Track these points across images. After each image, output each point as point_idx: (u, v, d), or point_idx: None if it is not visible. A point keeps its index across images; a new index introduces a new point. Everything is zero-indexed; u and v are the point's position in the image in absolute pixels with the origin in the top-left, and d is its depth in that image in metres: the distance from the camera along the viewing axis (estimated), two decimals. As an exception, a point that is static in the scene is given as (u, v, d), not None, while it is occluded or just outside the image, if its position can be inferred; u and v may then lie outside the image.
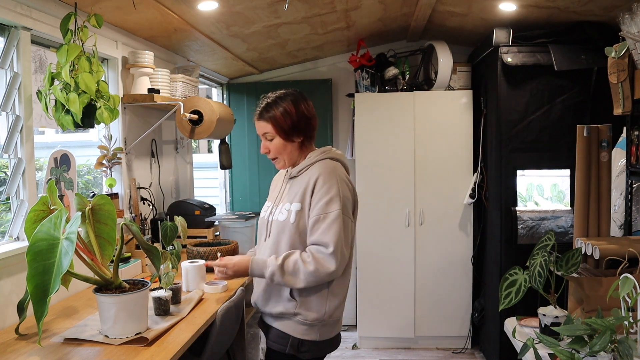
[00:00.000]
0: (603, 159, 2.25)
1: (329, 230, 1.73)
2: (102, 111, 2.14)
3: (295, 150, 1.87)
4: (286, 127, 1.82)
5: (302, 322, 1.80)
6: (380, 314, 3.95)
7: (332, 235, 1.72)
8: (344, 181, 1.83)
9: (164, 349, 1.63)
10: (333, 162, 1.86)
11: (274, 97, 1.86)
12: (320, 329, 1.82)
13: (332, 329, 1.87)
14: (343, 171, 1.87)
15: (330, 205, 1.75)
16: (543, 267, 1.76)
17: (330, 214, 1.74)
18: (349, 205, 1.81)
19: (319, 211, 1.75)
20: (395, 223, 3.89)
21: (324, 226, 1.74)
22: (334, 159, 1.88)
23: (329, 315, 1.82)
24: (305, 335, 1.81)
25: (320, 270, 1.72)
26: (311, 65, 4.42)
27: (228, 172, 4.50)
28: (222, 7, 2.64)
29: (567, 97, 3.21)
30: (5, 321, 1.88)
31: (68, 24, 2.04)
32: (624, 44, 2.08)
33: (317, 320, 1.80)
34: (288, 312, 1.81)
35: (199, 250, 2.53)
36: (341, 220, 1.74)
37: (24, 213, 2.03)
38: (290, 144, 1.85)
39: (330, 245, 1.72)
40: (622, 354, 1.36)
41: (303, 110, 1.84)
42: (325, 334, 1.84)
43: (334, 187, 1.77)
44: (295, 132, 1.84)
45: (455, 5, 3.11)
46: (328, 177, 1.78)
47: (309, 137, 1.89)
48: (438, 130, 3.83)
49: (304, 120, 1.85)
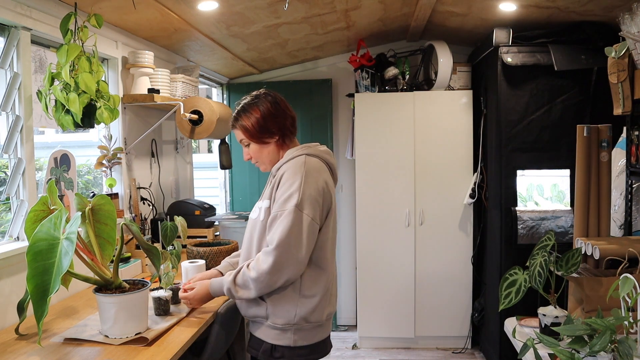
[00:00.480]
0: (603, 159, 2.25)
1: (277, 229, 1.67)
2: (102, 111, 2.14)
3: (274, 151, 1.85)
4: (254, 132, 1.81)
5: (273, 327, 1.74)
6: (380, 314, 3.95)
7: (279, 232, 1.66)
8: (313, 178, 1.73)
9: (164, 349, 1.63)
10: (308, 158, 1.77)
11: (243, 103, 1.85)
12: (295, 333, 1.74)
13: (311, 335, 1.77)
14: (317, 166, 1.78)
15: (287, 202, 1.68)
16: (543, 267, 1.76)
17: (284, 212, 1.68)
18: (311, 203, 1.70)
19: (276, 208, 1.71)
20: (395, 223, 3.89)
21: (276, 224, 1.68)
22: (313, 155, 1.80)
23: (303, 319, 1.73)
24: (277, 341, 1.74)
25: (259, 273, 1.66)
26: (311, 65, 4.43)
27: (228, 172, 4.50)
28: (222, 7, 2.64)
29: (567, 97, 3.21)
30: (5, 321, 1.88)
31: (68, 24, 2.04)
32: (624, 44, 2.08)
33: (287, 325, 1.73)
34: (260, 316, 1.76)
35: (199, 250, 2.53)
36: (293, 217, 1.66)
37: (24, 213, 2.03)
38: (266, 146, 1.83)
39: (272, 243, 1.66)
40: (622, 354, 1.36)
41: (269, 110, 1.81)
42: (302, 340, 1.74)
43: (296, 184, 1.70)
44: (266, 133, 1.81)
45: (455, 5, 3.10)
46: (293, 173, 1.73)
47: (285, 135, 1.84)
48: (438, 130, 3.83)
49: (272, 120, 1.81)
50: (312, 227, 1.70)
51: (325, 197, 1.75)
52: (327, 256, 1.78)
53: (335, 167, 1.89)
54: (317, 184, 1.73)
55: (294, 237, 1.66)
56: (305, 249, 1.68)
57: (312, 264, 1.75)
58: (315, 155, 1.81)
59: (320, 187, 1.74)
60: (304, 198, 1.69)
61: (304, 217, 1.68)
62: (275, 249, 1.65)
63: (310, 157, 1.79)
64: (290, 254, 1.66)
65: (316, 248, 1.75)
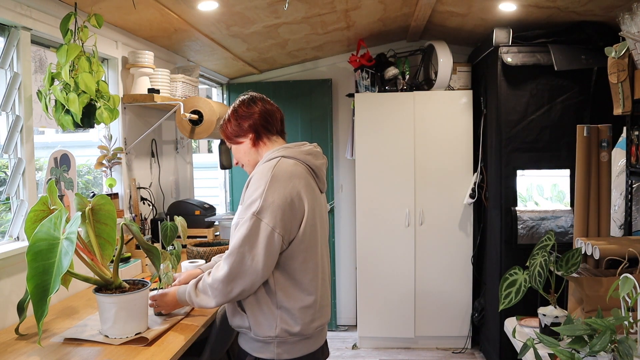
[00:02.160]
0: (603, 159, 2.25)
1: (234, 236, 1.61)
2: (102, 111, 2.14)
3: (250, 150, 1.79)
4: (229, 132, 1.80)
5: (255, 339, 1.67)
6: (380, 314, 3.95)
7: (235, 240, 1.59)
8: (280, 184, 1.61)
9: (164, 349, 1.62)
10: (283, 161, 1.67)
11: None
12: (278, 346, 1.64)
13: (296, 348, 1.68)
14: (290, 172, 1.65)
15: (248, 210, 1.60)
16: (543, 267, 1.76)
17: (243, 219, 1.60)
18: (273, 211, 1.58)
19: (238, 216, 1.65)
20: (395, 223, 3.89)
21: (236, 231, 1.62)
22: (290, 157, 1.69)
23: (285, 331, 1.64)
24: (260, 353, 1.66)
25: (214, 279, 1.61)
26: (311, 65, 4.43)
27: (228, 172, 4.50)
28: (222, 7, 2.64)
29: (567, 97, 3.21)
30: (5, 321, 1.88)
31: (68, 24, 2.04)
32: (624, 44, 2.08)
33: (269, 338, 1.64)
34: (243, 327, 1.70)
35: (199, 250, 2.53)
36: (251, 225, 1.57)
37: (24, 213, 2.03)
38: (241, 146, 1.80)
39: (229, 251, 1.61)
40: (622, 354, 1.36)
41: (238, 108, 1.79)
42: (286, 353, 1.65)
43: (259, 190, 1.60)
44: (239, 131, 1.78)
45: (455, 5, 3.11)
46: (259, 178, 1.63)
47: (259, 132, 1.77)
48: (438, 130, 3.83)
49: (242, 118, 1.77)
50: (272, 237, 1.57)
51: (294, 205, 1.62)
52: (305, 267, 1.66)
53: (319, 168, 1.76)
54: (285, 190, 1.60)
55: (249, 247, 1.57)
56: (263, 260, 1.57)
57: (285, 275, 1.65)
58: (293, 157, 1.70)
59: (288, 195, 1.61)
60: (265, 206, 1.58)
61: (262, 226, 1.57)
62: (230, 257, 1.59)
63: (287, 159, 1.68)
64: (244, 264, 1.57)
65: (286, 258, 1.64)
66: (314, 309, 1.68)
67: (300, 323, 1.65)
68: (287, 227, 1.61)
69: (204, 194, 4.63)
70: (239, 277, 1.58)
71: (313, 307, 1.67)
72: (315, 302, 1.68)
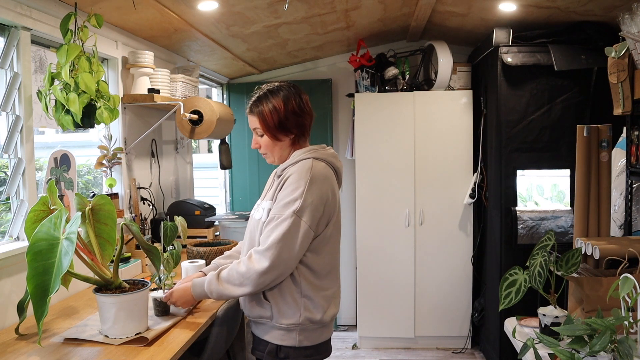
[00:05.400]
0: (603, 159, 2.25)
1: (273, 231, 1.65)
2: (102, 111, 2.14)
3: (286, 147, 1.79)
4: (273, 126, 1.74)
5: (278, 327, 1.73)
6: (380, 314, 3.95)
7: (274, 235, 1.64)
8: (318, 186, 1.69)
9: (164, 349, 1.63)
10: (315, 163, 1.73)
11: (266, 90, 1.78)
12: (300, 333, 1.73)
13: (316, 335, 1.76)
14: (325, 175, 1.73)
15: (288, 207, 1.66)
16: (543, 267, 1.76)
17: (282, 216, 1.66)
18: (312, 211, 1.67)
19: (275, 211, 1.68)
20: (395, 223, 3.89)
21: (271, 226, 1.66)
22: (320, 159, 1.76)
23: (308, 319, 1.72)
24: (282, 341, 1.73)
25: (250, 270, 1.64)
26: (311, 65, 4.43)
27: (228, 172, 4.50)
28: (222, 7, 2.64)
29: (567, 97, 3.21)
30: (5, 321, 1.88)
31: (68, 24, 2.04)
32: (624, 44, 2.08)
33: (293, 325, 1.71)
34: (264, 316, 1.75)
35: (199, 250, 2.53)
36: (290, 223, 1.64)
37: (24, 213, 2.03)
38: (279, 142, 1.77)
39: (266, 244, 1.64)
40: (622, 354, 1.36)
41: (293, 107, 1.75)
42: (306, 340, 1.74)
43: (299, 190, 1.66)
44: (283, 130, 1.75)
45: (455, 5, 3.11)
46: (297, 178, 1.68)
47: (301, 134, 1.79)
48: (438, 130, 3.83)
49: (293, 118, 1.75)
50: (308, 235, 1.68)
51: (327, 206, 1.72)
52: (325, 261, 1.76)
53: (341, 170, 1.85)
54: (321, 191, 1.70)
55: (288, 242, 1.64)
56: (296, 255, 1.67)
57: (309, 266, 1.73)
58: (323, 159, 1.76)
59: (324, 195, 1.71)
60: (305, 205, 1.66)
61: (302, 224, 1.65)
62: (268, 251, 1.63)
63: (318, 161, 1.74)
64: (281, 258, 1.64)
65: (312, 252, 1.72)
66: (332, 298, 1.79)
67: (321, 311, 1.74)
68: (318, 225, 1.72)
69: (204, 194, 4.63)
70: (275, 270, 1.65)
71: (331, 297, 1.79)
72: (334, 292, 1.81)
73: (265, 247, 1.64)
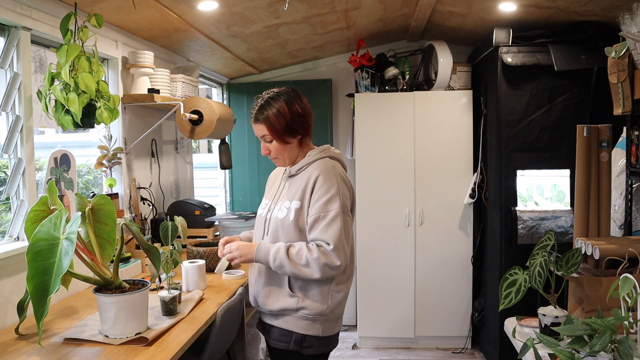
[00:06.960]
0: (603, 159, 2.25)
1: (328, 228, 1.73)
2: (102, 111, 2.14)
3: (295, 148, 1.87)
4: (280, 129, 1.80)
5: (305, 317, 1.80)
6: (380, 314, 3.95)
7: (332, 233, 1.73)
8: (343, 180, 1.83)
9: (164, 349, 1.63)
10: (332, 161, 1.85)
11: (267, 97, 1.83)
12: (322, 323, 1.82)
13: (334, 325, 1.87)
14: (342, 170, 1.88)
15: (330, 204, 1.75)
16: (543, 267, 1.76)
17: (329, 213, 1.75)
18: (347, 203, 1.81)
19: (318, 210, 1.76)
20: (395, 223, 3.89)
21: (323, 224, 1.74)
22: (333, 157, 1.88)
23: (332, 310, 1.83)
24: (307, 331, 1.80)
25: (327, 263, 1.72)
26: (311, 65, 4.43)
27: (228, 172, 4.50)
28: (222, 7, 2.64)
29: (567, 97, 3.21)
30: (5, 321, 1.88)
31: (68, 24, 2.04)
32: (624, 44, 2.08)
33: (320, 315, 1.80)
34: (289, 308, 1.80)
35: (199, 250, 2.53)
36: (341, 219, 1.75)
37: (24, 213, 2.03)
38: (288, 145, 1.85)
39: (331, 243, 1.72)
40: (622, 354, 1.36)
41: (297, 109, 1.82)
42: (327, 330, 1.83)
43: (334, 186, 1.77)
44: (290, 132, 1.82)
45: (455, 5, 3.11)
46: (328, 175, 1.79)
47: (306, 134, 1.88)
48: (438, 130, 3.83)
49: (298, 119, 1.83)
50: (352, 226, 1.85)
51: (353, 200, 1.89)
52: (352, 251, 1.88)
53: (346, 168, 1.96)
54: (347, 185, 1.84)
55: (345, 238, 1.76)
56: (350, 248, 1.81)
57: None
58: (336, 157, 1.89)
59: (350, 190, 1.86)
60: (345, 201, 1.79)
61: (347, 218, 1.79)
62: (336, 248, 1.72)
63: (333, 160, 1.86)
64: (346, 254, 1.76)
65: None
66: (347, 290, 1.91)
67: (342, 303, 1.87)
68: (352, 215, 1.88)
69: (204, 194, 4.63)
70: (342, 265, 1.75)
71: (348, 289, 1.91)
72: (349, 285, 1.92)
73: (332, 246, 1.72)
